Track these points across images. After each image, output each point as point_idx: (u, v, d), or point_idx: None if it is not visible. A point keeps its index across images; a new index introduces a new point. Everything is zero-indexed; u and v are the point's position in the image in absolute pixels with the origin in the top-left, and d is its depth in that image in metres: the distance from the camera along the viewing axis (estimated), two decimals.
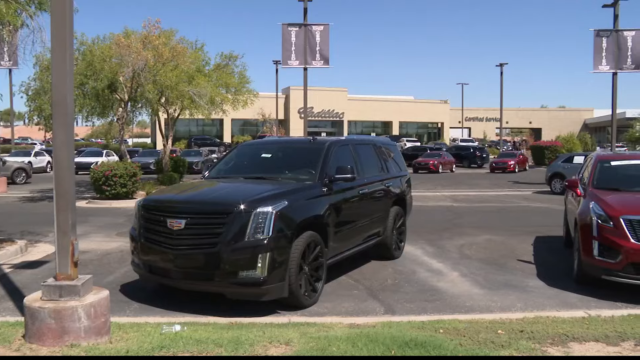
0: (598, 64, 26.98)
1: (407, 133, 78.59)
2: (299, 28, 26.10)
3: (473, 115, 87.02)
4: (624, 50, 26.51)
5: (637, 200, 8.20)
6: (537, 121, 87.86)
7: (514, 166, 39.40)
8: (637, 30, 26.75)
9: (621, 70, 26.84)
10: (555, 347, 5.35)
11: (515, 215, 16.77)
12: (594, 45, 26.72)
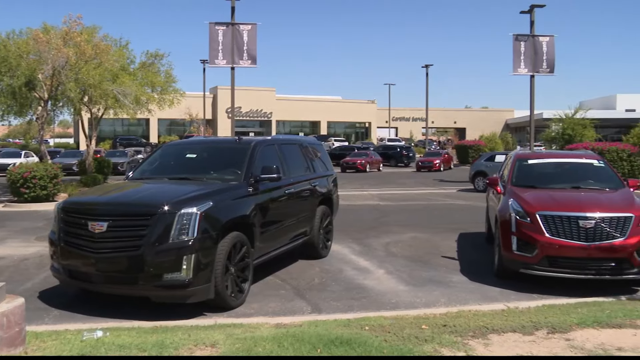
0: (517, 67, 27.90)
1: (335, 133, 79.10)
2: (227, 27, 25.79)
3: (400, 115, 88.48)
4: (540, 55, 27.54)
5: (551, 197, 8.57)
6: (461, 121, 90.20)
7: (439, 165, 40.33)
8: (550, 36, 27.89)
9: (538, 73, 27.87)
10: (476, 340, 5.52)
11: (440, 213, 17.18)
12: (513, 49, 27.62)
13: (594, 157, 10.30)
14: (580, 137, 34.35)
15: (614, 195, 8.79)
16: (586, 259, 7.78)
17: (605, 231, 7.74)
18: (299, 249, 9.65)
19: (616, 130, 61.18)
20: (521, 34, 27.81)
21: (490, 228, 10.56)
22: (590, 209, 7.93)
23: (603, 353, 5.16)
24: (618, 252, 7.69)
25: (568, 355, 5.14)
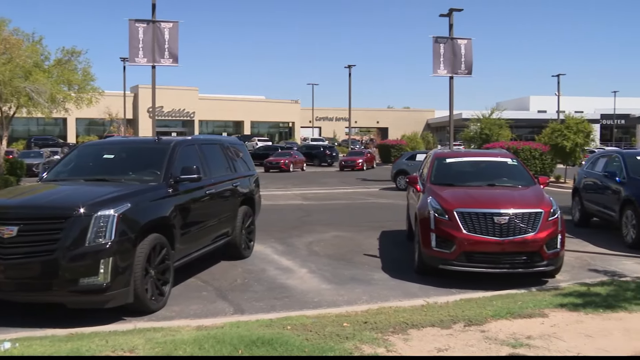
0: (437, 68, 28.66)
1: (258, 132, 78.85)
2: (147, 25, 25.23)
3: (323, 115, 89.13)
4: (459, 57, 28.41)
5: (468, 195, 8.88)
6: (384, 121, 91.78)
7: (362, 164, 40.89)
8: (468, 39, 28.82)
9: (457, 75, 28.74)
10: (396, 335, 5.63)
11: (363, 212, 17.42)
12: (433, 51, 28.34)
13: (508, 156, 10.73)
14: (496, 137, 35.55)
15: (526, 192, 9.18)
16: (501, 253, 8.10)
17: (518, 226, 8.08)
18: (221, 250, 9.55)
19: (530, 130, 63.96)
20: (441, 36, 28.59)
21: (411, 226, 10.78)
22: (505, 206, 8.26)
23: (514, 342, 5.38)
24: (530, 246, 8.05)
25: (483, 346, 5.32)
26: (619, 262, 9.94)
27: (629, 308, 6.57)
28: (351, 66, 58.71)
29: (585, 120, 28.86)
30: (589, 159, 15.64)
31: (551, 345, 5.35)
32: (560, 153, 27.64)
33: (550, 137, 28.10)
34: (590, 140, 28.70)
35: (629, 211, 11.36)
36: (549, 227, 8.20)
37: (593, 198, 13.64)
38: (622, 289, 7.57)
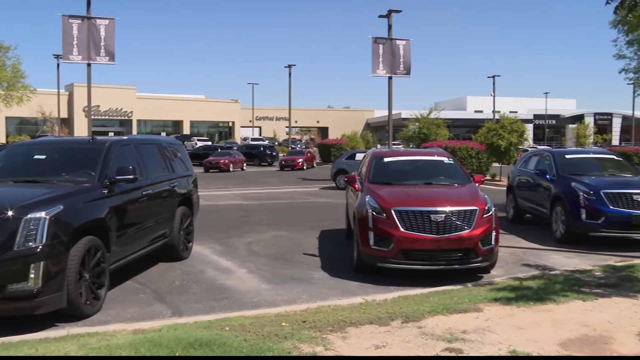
0: (376, 68, 28.91)
1: (198, 132, 78.01)
2: (82, 21, 24.50)
3: (264, 115, 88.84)
4: (397, 57, 28.73)
5: (406, 193, 9.01)
6: (324, 120, 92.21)
7: (302, 164, 40.94)
8: (407, 40, 29.21)
9: (395, 75, 29.08)
10: (335, 333, 5.67)
11: (303, 211, 17.45)
12: (372, 51, 28.57)
13: (444, 155, 10.96)
14: (434, 136, 36.27)
15: (462, 190, 9.39)
16: (437, 250, 8.26)
17: (454, 224, 8.26)
18: (159, 251, 9.39)
19: (467, 130, 65.48)
20: (380, 37, 28.85)
21: (350, 224, 10.86)
22: (441, 204, 8.43)
23: (450, 337, 5.50)
24: (465, 243, 8.24)
25: (419, 342, 5.42)
26: (550, 256, 10.30)
27: (557, 300, 6.82)
28: (291, 66, 58.63)
29: (519, 120, 29.74)
30: (521, 158, 16.14)
31: (485, 339, 5.49)
32: (496, 152, 28.40)
33: (486, 136, 28.84)
34: (523, 140, 29.62)
35: (559, 207, 11.79)
36: (484, 224, 8.41)
37: (526, 195, 14.09)
38: (551, 282, 7.85)
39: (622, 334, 5.68)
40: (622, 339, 5.53)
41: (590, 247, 10.91)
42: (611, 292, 7.30)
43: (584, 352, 5.20)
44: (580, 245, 11.08)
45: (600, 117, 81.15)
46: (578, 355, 5.12)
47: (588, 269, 8.88)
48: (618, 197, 10.97)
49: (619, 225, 10.93)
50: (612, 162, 13.52)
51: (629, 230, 11.05)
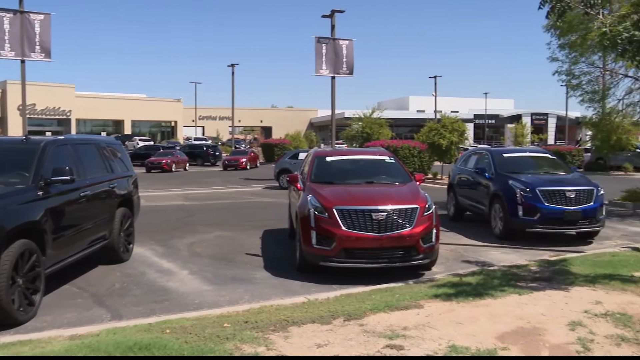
0: (319, 68, 28.99)
1: (140, 132, 76.55)
2: (14, 15, 23.58)
3: (207, 114, 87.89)
4: (340, 57, 28.88)
5: (347, 192, 9.07)
6: (268, 120, 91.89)
7: (245, 163, 40.71)
8: (350, 40, 29.39)
9: (338, 75, 29.23)
10: (277, 333, 5.66)
11: (246, 211, 17.36)
12: (315, 50, 28.63)
13: (385, 154, 11.09)
14: (377, 135, 36.65)
15: (403, 189, 9.52)
16: (379, 248, 8.35)
17: (395, 222, 8.37)
18: (98, 254, 9.17)
19: (409, 129, 66.43)
20: (323, 37, 28.93)
21: (293, 224, 10.88)
22: (382, 202, 8.52)
23: (391, 334, 5.57)
24: (406, 240, 8.36)
25: (361, 339, 5.47)
26: (489, 252, 10.57)
27: (495, 295, 7.01)
28: (234, 65, 58.16)
29: (460, 120, 30.37)
30: (461, 157, 16.50)
31: (425, 334, 5.59)
32: (437, 151, 28.91)
33: (428, 135, 29.32)
34: (464, 139, 30.24)
35: (497, 205, 12.11)
36: (425, 222, 8.56)
37: (466, 193, 14.40)
38: (489, 277, 8.05)
39: (553, 325, 5.89)
40: (554, 330, 5.73)
41: (527, 243, 11.26)
42: (545, 285, 7.54)
43: (518, 343, 5.36)
44: (517, 241, 11.43)
45: (536, 117, 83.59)
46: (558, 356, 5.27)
47: (524, 264, 9.15)
48: (552, 194, 11.36)
49: (554, 221, 11.33)
50: (547, 160, 13.98)
51: (563, 226, 11.50)
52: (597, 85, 19.23)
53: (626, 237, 12.27)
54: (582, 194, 11.45)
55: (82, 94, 73.98)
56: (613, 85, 18.90)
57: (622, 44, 7.01)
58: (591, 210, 11.39)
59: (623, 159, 35.36)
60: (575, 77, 19.08)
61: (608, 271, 8.26)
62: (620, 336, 5.57)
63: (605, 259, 9.33)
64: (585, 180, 12.23)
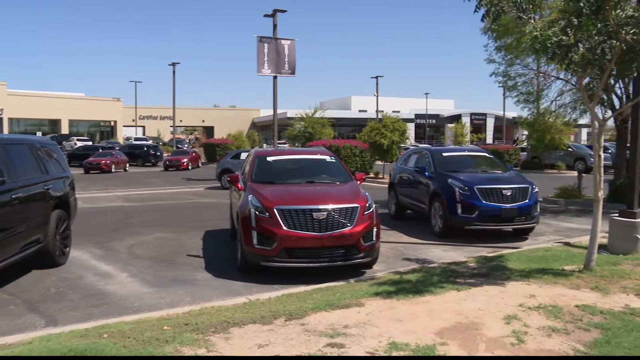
0: (261, 68, 28.89)
1: (78, 132, 74.44)
2: None
3: (147, 114, 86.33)
4: (282, 57, 28.86)
5: (288, 192, 9.08)
6: (210, 120, 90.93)
7: (187, 164, 40.25)
8: (292, 39, 29.42)
9: (280, 74, 29.21)
10: (217, 335, 5.61)
11: (188, 212, 17.15)
12: (257, 50, 28.52)
13: (326, 154, 11.14)
14: (319, 135, 36.78)
15: (343, 188, 9.59)
16: (320, 248, 8.38)
17: (336, 221, 8.42)
18: (32, 258, 8.87)
19: (351, 129, 66.95)
20: (265, 36, 28.85)
21: (234, 224, 10.80)
22: (323, 202, 8.56)
23: (332, 332, 5.60)
24: (347, 239, 8.43)
25: (302, 339, 5.47)
26: (429, 250, 10.76)
27: (435, 291, 7.13)
28: (175, 64, 57.30)
29: (401, 120, 30.80)
30: (402, 156, 16.73)
31: (366, 332, 5.64)
32: (379, 150, 29.23)
33: (369, 135, 29.62)
34: (405, 138, 30.67)
35: (437, 203, 12.34)
36: (365, 221, 8.64)
37: (406, 192, 14.62)
38: (429, 274, 8.19)
39: (490, 319, 6.04)
40: (490, 324, 5.88)
41: (466, 240, 11.53)
42: (482, 281, 7.73)
43: (457, 338, 5.47)
44: (456, 239, 11.68)
45: (475, 117, 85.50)
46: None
47: (463, 260, 9.35)
48: (490, 192, 11.66)
49: (491, 219, 11.64)
50: (485, 159, 14.33)
51: (500, 223, 11.81)
52: (532, 87, 19.82)
53: (559, 232, 12.71)
54: (518, 191, 11.80)
55: (15, 92, 71.30)
56: (546, 87, 19.55)
57: (551, 48, 7.25)
58: (526, 207, 11.75)
59: (556, 157, 36.59)
60: (511, 78, 19.61)
61: (541, 266, 8.53)
62: (551, 327, 5.77)
63: (539, 254, 9.64)
64: (520, 179, 12.61)
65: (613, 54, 7.48)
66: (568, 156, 36.70)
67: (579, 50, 7.37)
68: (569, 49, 7.28)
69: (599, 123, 8.32)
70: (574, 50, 7.31)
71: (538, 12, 8.28)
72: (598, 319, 6.07)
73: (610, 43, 7.38)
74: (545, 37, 7.23)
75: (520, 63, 19.22)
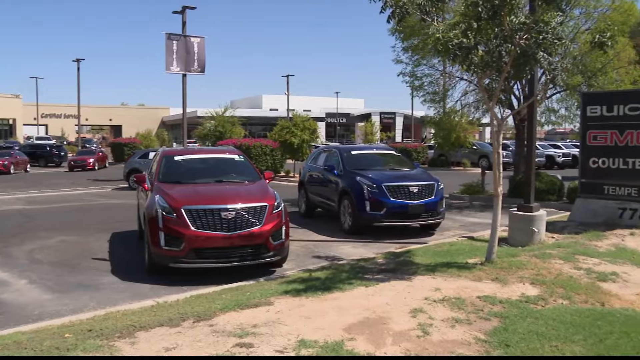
0: (170, 65, 28.31)
1: None
2: None
3: (50, 112, 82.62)
4: (192, 55, 28.38)
5: (196, 192, 8.97)
6: (117, 118, 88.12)
7: (93, 164, 38.92)
8: (201, 37, 28.99)
9: (190, 73, 28.72)
10: (123, 340, 5.45)
11: (94, 214, 16.58)
12: (166, 47, 27.91)
13: (235, 153, 11.08)
14: (230, 134, 36.45)
15: (252, 187, 9.56)
16: (229, 247, 8.34)
17: (245, 220, 8.40)
18: None
19: (263, 128, 66.72)
20: (174, 33, 28.31)
21: (142, 225, 10.55)
22: (231, 201, 8.51)
23: (241, 332, 5.56)
24: (256, 238, 8.42)
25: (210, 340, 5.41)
26: (339, 247, 10.90)
27: (343, 288, 7.23)
28: (80, 60, 55.14)
29: (311, 119, 30.98)
30: (311, 155, 16.87)
31: (275, 331, 5.64)
32: (289, 149, 29.31)
33: (280, 134, 29.63)
34: (315, 137, 30.87)
35: (346, 201, 12.52)
36: (274, 220, 8.65)
37: (316, 190, 14.73)
38: (338, 271, 8.30)
39: (397, 313, 6.19)
40: (397, 318, 6.02)
41: (375, 237, 11.76)
42: (390, 276, 7.90)
43: (365, 333, 5.57)
44: (366, 236, 11.90)
45: (385, 116, 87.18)
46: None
47: (372, 256, 9.53)
48: (397, 189, 11.95)
49: (399, 215, 11.93)
50: (393, 157, 14.68)
51: (407, 219, 12.13)
52: (438, 87, 20.44)
53: (464, 227, 13.20)
54: (424, 188, 12.15)
55: None
56: (451, 87, 20.25)
57: (453, 50, 7.52)
58: (432, 203, 12.12)
59: (462, 155, 37.92)
60: (418, 78, 20.15)
61: (446, 260, 8.82)
62: (455, 318, 5.99)
63: (445, 248, 9.97)
64: (427, 176, 12.99)
65: (509, 57, 7.85)
66: (473, 154, 38.11)
67: (478, 53, 7.72)
68: (469, 51, 7.59)
69: (498, 122, 8.70)
70: (474, 52, 7.64)
71: (441, 15, 8.53)
72: (497, 308, 6.36)
73: (506, 47, 7.76)
74: (447, 39, 7.49)
75: (426, 64, 19.78)
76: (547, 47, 7.63)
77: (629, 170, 11.45)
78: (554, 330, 5.62)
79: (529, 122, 10.99)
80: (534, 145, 10.93)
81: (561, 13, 7.97)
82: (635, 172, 11.36)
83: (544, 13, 7.73)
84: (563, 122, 20.01)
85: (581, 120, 12.36)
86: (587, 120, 12.08)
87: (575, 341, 5.37)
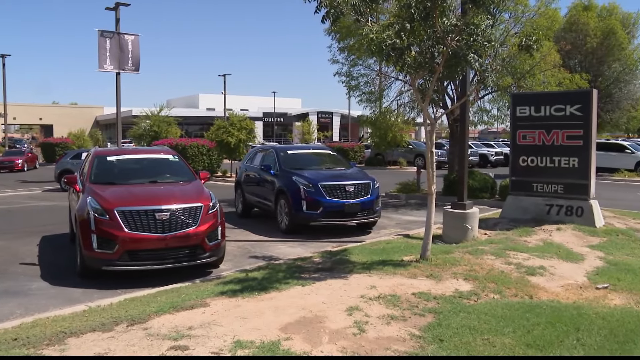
0: (103, 63, 27.60)
1: None
2: None
3: None
4: (126, 53, 27.76)
5: (129, 193, 8.79)
6: (48, 118, 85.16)
7: (22, 165, 37.53)
8: (136, 35, 28.40)
9: (124, 71, 28.08)
10: (52, 347, 5.29)
11: (22, 217, 15.99)
12: (98, 45, 27.21)
13: (170, 153, 10.92)
14: (165, 134, 35.88)
15: (187, 187, 9.44)
16: (164, 249, 8.21)
17: (180, 221, 8.29)
18: None
19: (199, 127, 65.95)
20: (107, 30, 27.64)
21: (74, 228, 10.26)
22: (166, 202, 8.38)
23: (176, 335, 5.49)
24: (192, 239, 8.33)
25: (144, 344, 5.31)
26: (276, 247, 10.90)
27: (280, 287, 7.23)
28: (5, 56, 53.04)
29: (248, 118, 30.80)
30: (248, 154, 16.79)
31: (210, 332, 5.59)
32: (226, 149, 29.05)
33: (217, 133, 29.34)
34: (252, 137, 30.71)
35: (282, 200, 12.52)
36: (209, 220, 8.57)
37: (253, 190, 14.67)
38: (275, 271, 8.29)
39: (333, 311, 6.24)
40: (334, 316, 6.07)
41: (312, 236, 11.82)
42: (327, 275, 7.95)
43: (301, 332, 5.59)
44: (303, 235, 11.94)
45: (322, 115, 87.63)
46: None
47: (309, 256, 9.56)
48: (333, 188, 12.03)
49: (335, 214, 12.03)
50: (329, 156, 14.77)
51: (344, 218, 12.24)
52: (374, 87, 20.70)
53: (400, 225, 13.41)
54: (360, 187, 12.28)
55: None
56: (387, 87, 20.56)
57: (386, 50, 7.64)
58: (368, 202, 12.27)
59: (398, 154, 38.52)
60: (354, 78, 20.36)
61: (382, 257, 8.95)
62: (390, 315, 6.09)
63: (381, 246, 10.10)
64: (362, 175, 13.13)
65: (441, 58, 8.03)
66: (409, 153, 38.74)
67: (411, 53, 7.86)
68: (402, 52, 7.73)
69: (431, 122, 8.89)
70: (407, 53, 7.78)
71: (375, 16, 8.65)
72: (432, 304, 6.50)
73: (438, 48, 7.94)
74: (380, 39, 7.59)
75: (362, 64, 20.01)
76: (478, 49, 7.84)
77: (555, 168, 11.90)
78: (485, 324, 5.79)
79: (461, 122, 11.27)
80: (467, 144, 11.23)
81: (490, 16, 8.22)
82: (561, 170, 11.81)
83: (474, 16, 7.93)
84: (495, 122, 20.61)
85: (511, 120, 12.75)
86: (516, 120, 12.48)
87: (505, 333, 5.55)
